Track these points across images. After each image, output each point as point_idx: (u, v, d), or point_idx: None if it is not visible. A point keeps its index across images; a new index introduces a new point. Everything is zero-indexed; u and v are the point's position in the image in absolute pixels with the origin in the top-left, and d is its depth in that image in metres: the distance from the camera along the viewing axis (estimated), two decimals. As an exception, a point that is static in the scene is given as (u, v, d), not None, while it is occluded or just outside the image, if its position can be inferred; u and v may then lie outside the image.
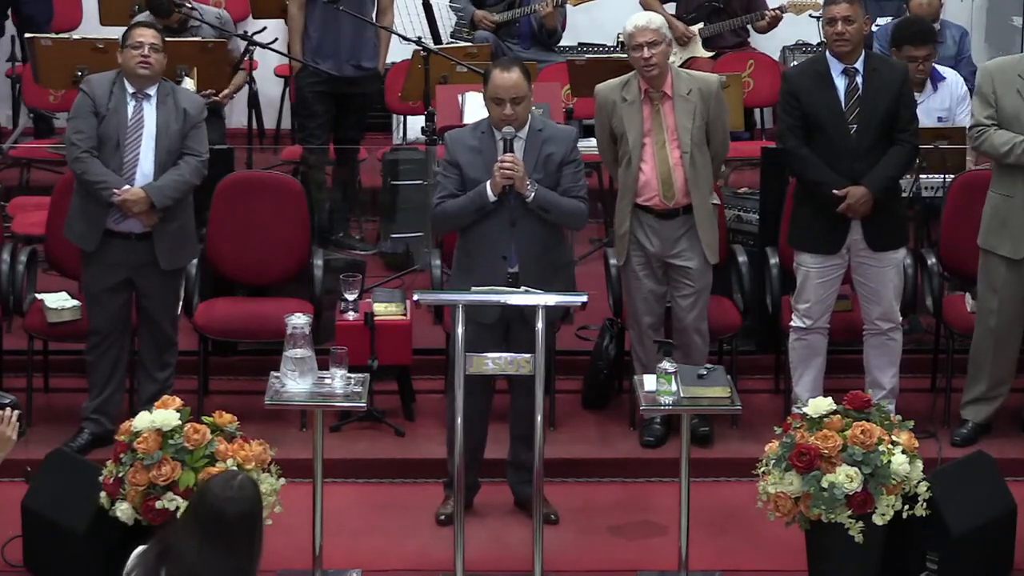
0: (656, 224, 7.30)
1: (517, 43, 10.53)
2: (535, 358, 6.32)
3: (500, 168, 6.63)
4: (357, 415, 7.53)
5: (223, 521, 4.61)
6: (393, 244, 9.17)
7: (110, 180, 7.10)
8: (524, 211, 6.71)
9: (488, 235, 6.73)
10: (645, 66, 7.17)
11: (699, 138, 7.25)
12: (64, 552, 6.38)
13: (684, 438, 6.47)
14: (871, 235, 7.29)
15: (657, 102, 7.24)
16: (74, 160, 7.16)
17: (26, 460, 6.84)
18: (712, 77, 7.46)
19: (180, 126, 7.19)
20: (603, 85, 7.46)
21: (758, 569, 6.73)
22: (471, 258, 6.78)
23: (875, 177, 7.23)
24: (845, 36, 7.27)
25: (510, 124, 6.70)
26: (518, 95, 6.68)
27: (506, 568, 6.65)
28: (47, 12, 10.51)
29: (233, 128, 10.05)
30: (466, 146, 6.81)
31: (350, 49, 9.27)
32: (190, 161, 7.22)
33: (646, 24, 7.19)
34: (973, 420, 7.56)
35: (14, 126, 10.54)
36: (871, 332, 7.45)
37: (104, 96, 7.16)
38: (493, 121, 6.76)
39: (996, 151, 7.29)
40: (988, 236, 7.41)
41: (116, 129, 7.14)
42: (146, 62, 7.15)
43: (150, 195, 7.10)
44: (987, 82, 7.37)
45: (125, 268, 7.23)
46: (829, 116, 7.27)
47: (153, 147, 7.16)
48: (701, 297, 7.39)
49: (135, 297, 7.31)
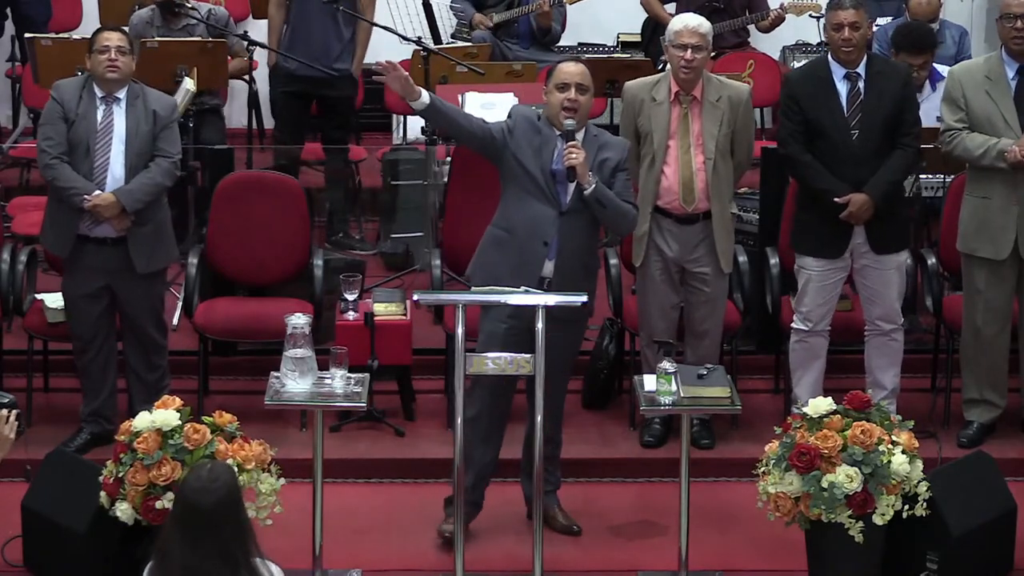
0: (675, 229, 7.29)
1: (516, 43, 10.54)
2: (535, 358, 6.32)
3: (567, 151, 6.52)
4: (357, 415, 7.53)
5: (201, 512, 4.64)
6: (393, 244, 9.17)
7: (80, 186, 7.07)
8: (577, 202, 6.60)
9: (536, 218, 6.60)
10: (683, 67, 7.15)
11: (724, 146, 7.24)
12: (64, 552, 6.38)
13: (684, 438, 6.47)
14: (874, 238, 7.28)
15: (686, 105, 7.23)
16: (44, 167, 7.14)
17: (26, 460, 6.85)
18: (743, 87, 7.41)
19: (150, 128, 7.16)
20: (633, 83, 7.46)
21: (758, 569, 6.73)
22: (512, 235, 6.64)
23: (877, 183, 7.21)
24: (852, 42, 7.25)
25: (571, 114, 6.60)
26: (584, 83, 6.61)
27: (506, 568, 6.65)
28: (45, 12, 10.51)
29: (233, 128, 10.05)
30: (529, 121, 6.68)
31: (320, 50, 9.18)
32: (161, 163, 7.18)
33: (696, 27, 7.17)
34: (978, 421, 7.56)
35: (14, 126, 10.54)
36: (873, 333, 7.45)
37: (73, 101, 7.14)
38: (553, 111, 6.63)
39: (970, 154, 7.30)
40: (968, 240, 7.42)
41: (86, 134, 7.11)
42: (114, 66, 7.12)
43: (120, 199, 7.07)
44: (955, 86, 7.37)
45: (102, 274, 7.20)
46: (831, 121, 7.26)
47: (123, 151, 7.13)
48: (717, 304, 7.40)
49: (117, 302, 7.29)
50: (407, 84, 6.57)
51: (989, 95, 7.31)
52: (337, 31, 9.21)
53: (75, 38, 9.07)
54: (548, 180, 6.61)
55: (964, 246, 7.45)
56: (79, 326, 7.29)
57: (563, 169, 6.56)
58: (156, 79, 8.13)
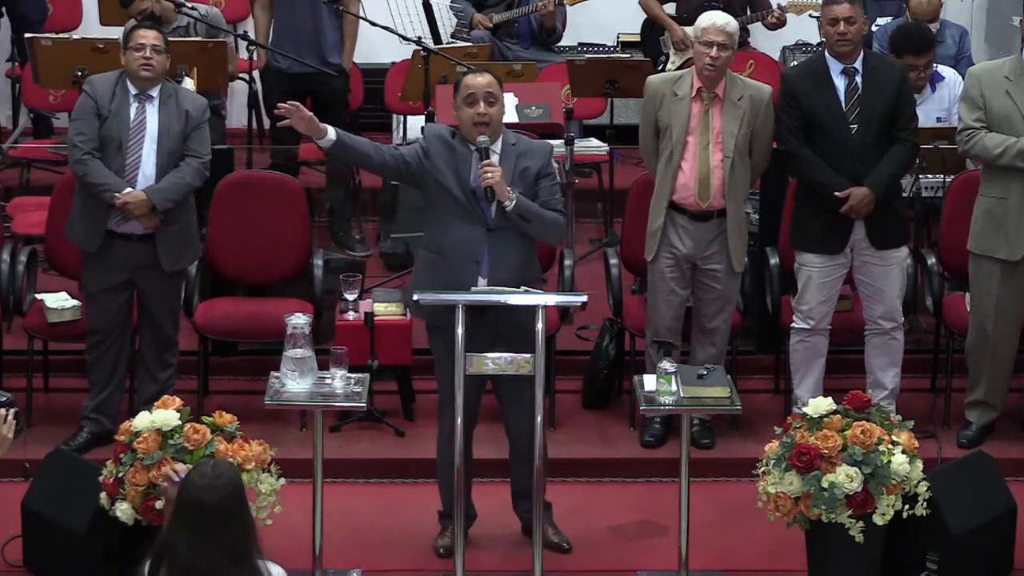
0: (690, 225, 7.29)
1: (516, 43, 10.54)
2: (535, 358, 6.32)
3: (483, 171, 6.43)
4: (357, 415, 7.53)
5: (205, 509, 4.65)
6: (393, 244, 9.16)
7: (111, 183, 7.10)
8: (502, 219, 6.52)
9: (464, 237, 6.52)
10: (708, 65, 7.14)
11: (743, 145, 7.24)
12: (64, 552, 6.38)
13: (684, 438, 6.47)
14: (874, 234, 7.29)
15: (707, 103, 7.23)
16: (76, 162, 7.16)
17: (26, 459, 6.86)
18: (766, 87, 7.39)
19: (182, 127, 7.20)
20: (655, 77, 7.48)
21: (758, 569, 6.73)
22: (443, 257, 6.56)
23: (877, 177, 7.23)
24: (847, 36, 7.27)
25: (483, 128, 6.49)
26: (493, 92, 6.53)
27: (506, 568, 6.65)
28: (40, 11, 10.49)
29: (233, 128, 10.05)
30: (442, 140, 6.59)
31: (308, 45, 9.15)
32: (191, 163, 7.22)
33: (723, 26, 7.17)
34: (977, 423, 7.56)
35: (14, 126, 10.53)
36: (873, 332, 7.44)
37: (106, 97, 7.16)
38: (465, 128, 6.54)
39: (988, 153, 7.29)
40: (981, 240, 7.40)
41: (118, 131, 7.14)
42: (148, 64, 7.15)
43: (151, 198, 7.10)
44: (974, 85, 7.37)
45: (127, 269, 7.24)
46: (829, 116, 7.27)
47: (155, 149, 7.16)
48: (727, 303, 7.39)
49: (137, 297, 7.31)
50: (312, 123, 6.49)
51: (1009, 95, 7.30)
52: (324, 27, 9.19)
53: (75, 38, 9.07)
54: (470, 198, 6.52)
55: (976, 246, 7.42)
56: (97, 319, 7.30)
57: (481, 187, 6.48)
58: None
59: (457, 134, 6.60)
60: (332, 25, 9.21)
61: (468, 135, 6.55)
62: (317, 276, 7.86)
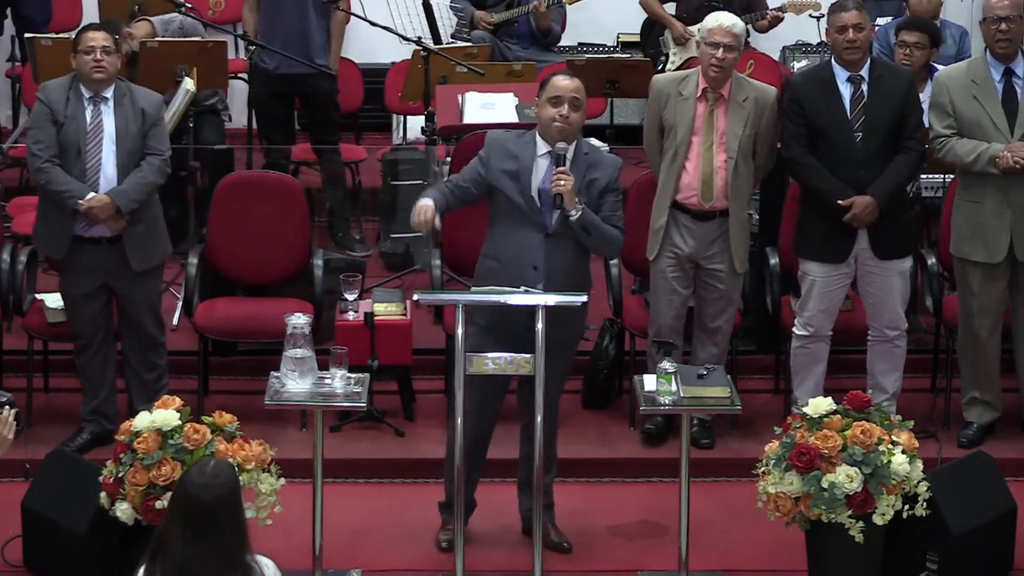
0: (692, 225, 7.29)
1: (516, 43, 10.54)
2: (535, 358, 6.32)
3: (556, 178, 6.43)
4: (357, 415, 7.53)
5: (201, 508, 4.66)
6: (393, 244, 9.17)
7: (74, 189, 7.06)
8: (561, 226, 6.51)
9: (522, 242, 6.52)
10: (714, 66, 7.14)
11: (747, 146, 7.24)
12: (64, 552, 6.38)
13: (684, 438, 6.47)
14: (878, 244, 7.26)
15: (712, 103, 7.23)
16: (36, 171, 7.13)
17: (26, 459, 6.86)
18: (771, 89, 7.38)
19: (140, 126, 7.15)
20: (661, 76, 7.49)
21: (758, 569, 6.73)
22: (502, 263, 6.56)
23: (881, 186, 7.20)
24: (856, 43, 7.23)
25: (563, 129, 6.48)
26: (578, 98, 6.52)
27: (506, 568, 6.65)
28: (45, 12, 10.51)
29: (233, 128, 10.04)
30: (504, 148, 6.60)
31: (295, 46, 9.14)
32: (152, 161, 7.18)
33: (729, 27, 7.17)
34: (977, 422, 7.56)
35: (14, 126, 10.54)
36: (877, 339, 7.43)
37: (61, 103, 7.12)
38: (544, 125, 6.54)
39: (961, 160, 7.29)
40: (961, 243, 7.42)
41: (76, 135, 7.10)
42: (100, 66, 7.11)
43: (115, 200, 7.07)
44: (942, 92, 7.36)
45: (100, 273, 7.21)
46: (834, 124, 7.24)
47: (114, 150, 7.13)
48: (729, 303, 7.39)
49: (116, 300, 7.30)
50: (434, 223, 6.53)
51: (976, 99, 7.29)
52: (310, 28, 9.17)
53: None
54: (531, 203, 6.52)
55: (957, 250, 7.44)
56: (78, 325, 7.30)
57: (550, 190, 6.48)
58: (156, 79, 8.16)
59: (522, 138, 6.60)
60: (319, 26, 9.20)
61: (545, 132, 6.54)
62: (317, 276, 7.86)
